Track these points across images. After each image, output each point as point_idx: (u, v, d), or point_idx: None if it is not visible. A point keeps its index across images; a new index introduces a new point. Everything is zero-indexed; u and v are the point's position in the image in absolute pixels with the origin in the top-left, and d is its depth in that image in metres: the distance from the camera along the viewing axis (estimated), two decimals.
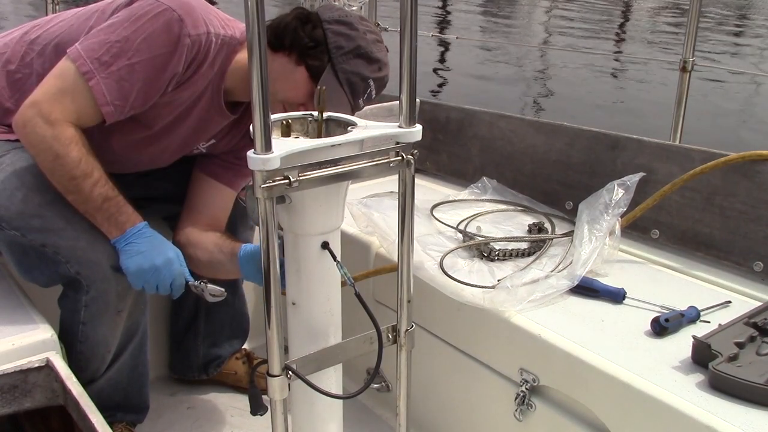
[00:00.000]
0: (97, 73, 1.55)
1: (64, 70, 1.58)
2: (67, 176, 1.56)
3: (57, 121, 1.54)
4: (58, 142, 1.54)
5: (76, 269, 1.64)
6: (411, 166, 1.28)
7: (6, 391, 1.55)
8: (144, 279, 1.62)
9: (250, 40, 1.04)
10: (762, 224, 1.88)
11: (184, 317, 2.21)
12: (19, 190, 1.60)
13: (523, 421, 1.71)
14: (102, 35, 1.58)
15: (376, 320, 1.34)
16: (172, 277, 1.64)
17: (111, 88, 1.56)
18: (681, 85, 2.40)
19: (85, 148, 1.57)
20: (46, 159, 1.56)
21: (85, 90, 1.55)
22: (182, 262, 1.67)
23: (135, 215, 1.63)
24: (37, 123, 1.54)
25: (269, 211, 1.14)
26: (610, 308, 1.75)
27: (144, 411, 1.98)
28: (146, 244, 1.61)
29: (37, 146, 1.56)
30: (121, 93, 1.57)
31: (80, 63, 1.55)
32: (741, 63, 12.06)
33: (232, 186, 1.94)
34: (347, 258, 1.41)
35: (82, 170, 1.56)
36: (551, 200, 2.29)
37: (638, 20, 17.46)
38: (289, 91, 1.64)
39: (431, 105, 2.69)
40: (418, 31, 1.20)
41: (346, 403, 1.49)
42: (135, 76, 1.57)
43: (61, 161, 1.55)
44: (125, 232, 1.61)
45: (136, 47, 1.56)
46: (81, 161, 1.56)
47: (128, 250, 1.61)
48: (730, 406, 1.39)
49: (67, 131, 1.55)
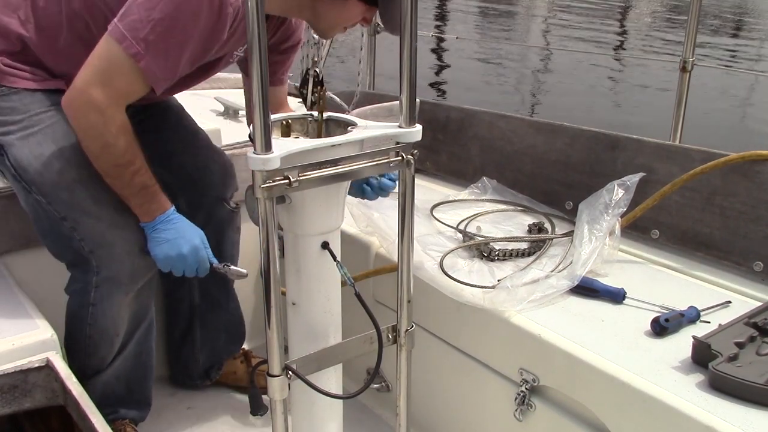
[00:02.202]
0: (146, 54, 1.53)
1: (110, 52, 1.55)
2: (112, 164, 1.60)
3: (107, 108, 1.55)
4: (108, 132, 1.56)
5: (90, 248, 1.68)
6: (411, 166, 1.28)
7: (6, 391, 1.55)
8: (171, 265, 1.67)
9: (250, 40, 1.04)
10: (762, 224, 1.88)
11: (179, 326, 2.20)
12: (58, 161, 1.64)
13: (523, 421, 1.71)
14: (143, 12, 1.54)
15: (376, 320, 1.34)
16: (198, 263, 1.69)
17: (161, 67, 1.56)
18: (681, 85, 2.40)
19: (131, 137, 1.60)
20: (94, 145, 1.59)
21: (135, 71, 1.55)
22: (206, 245, 1.71)
23: (166, 202, 1.67)
24: (88, 111, 1.55)
25: (269, 211, 1.14)
26: (610, 308, 1.75)
27: (146, 407, 1.99)
28: (173, 231, 1.66)
29: (86, 133, 1.58)
30: (171, 68, 1.58)
31: (126, 45, 1.53)
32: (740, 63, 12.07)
33: (279, 83, 1.97)
34: (347, 258, 1.41)
35: (127, 159, 1.59)
36: (551, 200, 2.29)
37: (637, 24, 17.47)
38: (345, 14, 1.67)
39: (431, 105, 2.69)
40: (418, 32, 1.20)
41: (346, 403, 1.49)
42: (183, 51, 1.57)
43: (109, 150, 1.58)
44: (155, 219, 1.65)
45: (182, 25, 1.54)
46: (127, 151, 1.59)
47: (156, 237, 1.66)
48: (729, 406, 1.39)
49: (117, 119, 1.56)
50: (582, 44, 12.97)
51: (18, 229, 1.96)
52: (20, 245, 1.97)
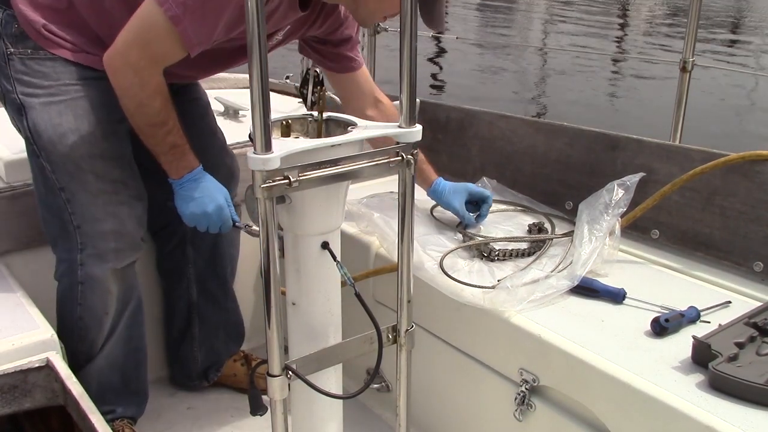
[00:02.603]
0: (184, 18, 1.55)
1: (150, 14, 1.58)
2: (146, 122, 1.65)
3: (144, 69, 1.60)
4: (143, 92, 1.61)
5: (78, 223, 1.74)
6: (411, 166, 1.28)
7: (6, 391, 1.55)
8: (196, 222, 1.72)
9: (250, 40, 1.04)
10: (762, 224, 1.88)
11: (177, 324, 2.20)
12: (72, 134, 1.71)
13: (523, 421, 1.71)
14: None
15: (376, 320, 1.34)
16: (221, 222, 1.73)
17: (198, 31, 1.58)
18: (681, 85, 2.40)
19: (166, 98, 1.64)
20: (131, 104, 1.64)
21: (173, 34, 1.57)
22: (230, 203, 1.75)
23: (194, 161, 1.71)
24: (126, 71, 1.60)
25: (269, 211, 1.14)
26: (610, 308, 1.75)
27: (143, 400, 2.00)
28: (199, 190, 1.70)
29: (123, 91, 1.63)
30: (208, 33, 1.60)
31: (166, 7, 1.55)
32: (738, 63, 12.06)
33: (350, 69, 2.01)
34: (347, 258, 1.41)
35: (161, 119, 1.64)
36: (551, 200, 2.29)
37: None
38: (386, 2, 1.71)
39: (431, 105, 2.69)
40: (418, 32, 1.20)
41: (346, 403, 1.49)
42: (220, 17, 1.58)
43: (143, 109, 1.63)
44: (182, 177, 1.70)
45: None
46: (161, 111, 1.63)
47: (182, 194, 1.71)
48: (729, 406, 1.39)
49: (153, 80, 1.61)
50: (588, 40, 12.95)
51: (18, 229, 1.96)
52: (20, 245, 1.98)
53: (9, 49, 1.72)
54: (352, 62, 2.01)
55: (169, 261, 2.15)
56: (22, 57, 1.72)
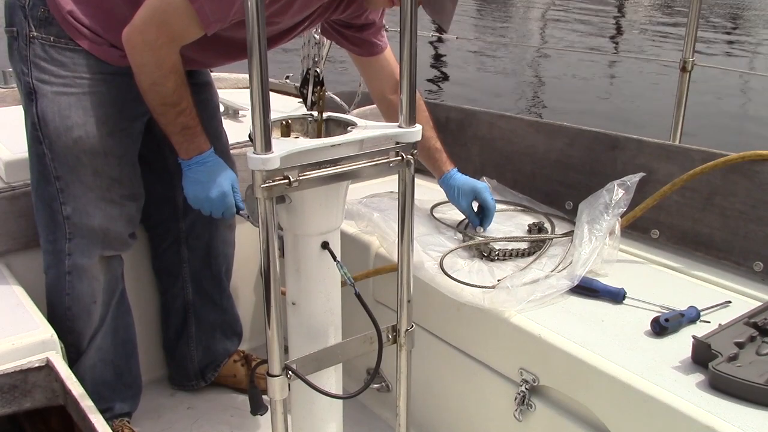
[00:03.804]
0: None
1: None
2: (159, 101, 1.65)
3: (160, 47, 1.60)
4: (159, 71, 1.62)
5: (67, 213, 1.77)
6: (411, 166, 1.28)
7: (6, 391, 1.55)
8: (199, 205, 1.73)
9: (250, 40, 1.04)
10: (762, 224, 1.88)
11: (173, 324, 2.20)
12: (78, 129, 1.72)
13: (523, 421, 1.71)
14: None
15: (376, 320, 1.34)
16: (224, 208, 1.73)
17: (214, 8, 1.58)
18: (681, 85, 2.40)
19: (181, 78, 1.65)
20: (145, 81, 1.64)
21: (190, 12, 1.57)
22: (236, 189, 1.74)
23: (204, 143, 1.71)
24: (143, 49, 1.61)
25: (269, 211, 1.14)
26: (610, 308, 1.75)
27: (137, 393, 2.01)
28: (206, 174, 1.70)
29: (139, 68, 1.63)
30: (224, 10, 1.59)
31: None
32: (738, 62, 12.05)
33: (377, 52, 2.02)
34: (347, 258, 1.41)
35: (174, 100, 1.65)
36: (551, 200, 2.29)
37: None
38: None
39: (431, 105, 2.69)
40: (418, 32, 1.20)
41: (346, 403, 1.49)
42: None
43: (157, 88, 1.64)
44: (191, 158, 1.70)
45: None
46: (174, 92, 1.64)
47: (189, 176, 1.71)
48: (730, 406, 1.39)
49: (169, 59, 1.61)
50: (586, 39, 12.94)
51: (18, 229, 1.96)
52: (20, 245, 1.98)
53: (32, 32, 1.72)
54: (375, 47, 2.02)
55: (163, 260, 2.16)
56: (43, 43, 1.72)
